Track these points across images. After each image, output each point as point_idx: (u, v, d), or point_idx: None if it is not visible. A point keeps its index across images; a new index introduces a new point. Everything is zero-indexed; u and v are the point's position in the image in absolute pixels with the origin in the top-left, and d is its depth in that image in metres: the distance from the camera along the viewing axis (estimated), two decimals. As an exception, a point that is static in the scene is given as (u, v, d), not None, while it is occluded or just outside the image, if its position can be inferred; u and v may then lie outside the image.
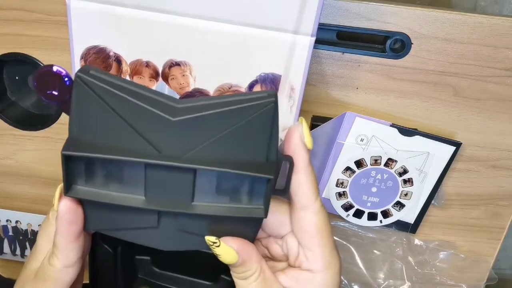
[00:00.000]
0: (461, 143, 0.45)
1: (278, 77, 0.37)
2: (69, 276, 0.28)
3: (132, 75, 0.38)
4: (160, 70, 0.38)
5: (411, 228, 0.51)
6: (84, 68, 0.24)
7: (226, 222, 0.28)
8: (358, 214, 0.50)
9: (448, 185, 0.49)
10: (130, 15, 0.36)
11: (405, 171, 0.47)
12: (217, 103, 0.25)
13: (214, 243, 0.28)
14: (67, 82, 0.31)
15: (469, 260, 0.53)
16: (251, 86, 0.38)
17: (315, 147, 0.40)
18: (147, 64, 0.38)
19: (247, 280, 0.29)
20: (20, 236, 0.56)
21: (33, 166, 0.52)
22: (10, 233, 0.56)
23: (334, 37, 0.43)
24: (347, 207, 0.49)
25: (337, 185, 0.48)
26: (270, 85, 0.38)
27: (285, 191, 0.28)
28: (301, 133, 0.28)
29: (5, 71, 0.48)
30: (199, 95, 0.39)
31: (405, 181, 0.47)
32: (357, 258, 0.52)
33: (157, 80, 0.38)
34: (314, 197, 0.29)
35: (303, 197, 0.29)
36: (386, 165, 0.46)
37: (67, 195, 0.26)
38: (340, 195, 0.49)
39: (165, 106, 0.25)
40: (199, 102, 0.25)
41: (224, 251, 0.28)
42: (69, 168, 0.25)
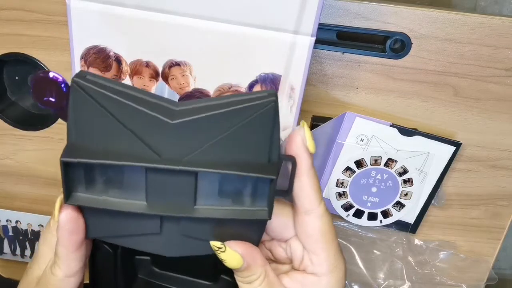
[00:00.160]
0: (461, 143, 0.45)
1: (278, 77, 0.37)
2: (71, 285, 0.28)
3: (132, 75, 0.38)
4: (160, 70, 0.38)
5: (411, 228, 0.51)
6: (81, 73, 0.24)
7: (230, 225, 0.27)
8: (358, 214, 0.50)
9: (448, 185, 0.49)
10: (130, 15, 0.36)
11: (405, 171, 0.47)
12: (216, 105, 0.25)
13: (219, 248, 0.27)
14: (63, 88, 0.31)
15: (469, 260, 0.53)
16: (251, 86, 0.38)
17: (315, 147, 0.40)
18: (147, 64, 0.38)
19: (251, 284, 0.29)
20: (20, 236, 0.56)
21: (33, 166, 0.52)
22: (10, 233, 0.56)
23: (334, 37, 0.43)
24: (347, 207, 0.49)
25: (337, 185, 0.48)
26: (270, 85, 0.38)
27: (288, 191, 0.28)
28: (303, 136, 0.27)
29: (5, 71, 0.48)
30: (199, 95, 0.38)
31: (405, 181, 0.47)
32: (357, 258, 0.52)
33: (157, 80, 0.38)
34: (317, 201, 0.28)
35: (307, 201, 0.28)
36: (386, 165, 0.46)
37: (67, 202, 0.25)
38: (340, 195, 0.49)
39: (163, 109, 0.24)
40: (198, 104, 0.25)
41: (229, 256, 0.27)
42: (68, 175, 0.25)
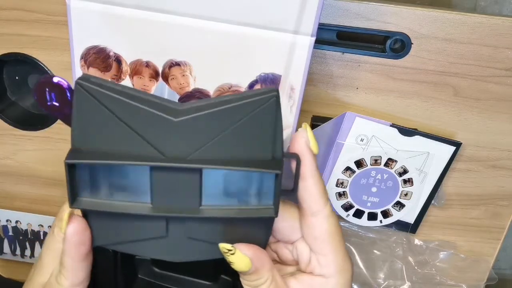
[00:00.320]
0: (461, 143, 0.45)
1: (278, 77, 0.37)
2: None
3: (132, 75, 0.38)
4: (160, 70, 0.38)
5: (411, 228, 0.51)
6: (84, 76, 0.24)
7: (237, 226, 0.27)
8: (358, 214, 0.50)
9: (448, 185, 0.49)
10: (130, 15, 0.36)
11: (405, 171, 0.47)
12: (218, 102, 0.25)
13: (229, 250, 0.27)
14: (68, 93, 0.31)
15: (469, 260, 0.53)
16: (251, 86, 0.38)
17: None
18: (147, 64, 0.38)
19: None
20: (20, 236, 0.56)
21: (33, 166, 0.52)
22: (10, 233, 0.56)
23: (334, 37, 0.43)
24: (347, 207, 0.49)
25: (337, 185, 0.48)
26: (270, 85, 0.38)
27: (293, 191, 0.28)
28: (306, 138, 0.27)
29: (5, 71, 0.48)
30: (199, 95, 0.38)
31: (405, 181, 0.47)
32: (357, 258, 0.52)
33: (157, 80, 0.38)
34: (323, 202, 0.28)
35: (313, 203, 0.28)
36: (386, 165, 0.46)
37: (72, 206, 0.25)
38: (340, 195, 0.49)
39: (166, 108, 0.25)
40: (201, 102, 0.25)
41: (238, 259, 0.27)
42: (73, 178, 0.25)
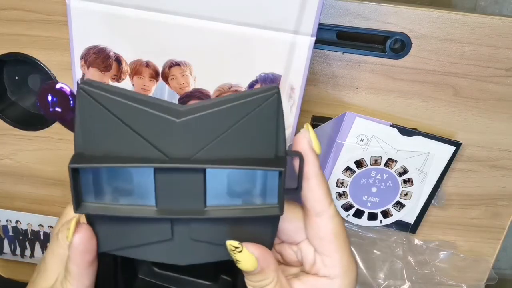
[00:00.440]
0: (461, 143, 0.45)
1: (278, 77, 0.37)
2: None
3: (132, 75, 0.38)
4: (160, 70, 0.38)
5: (411, 228, 0.51)
6: (86, 80, 0.25)
7: (242, 226, 0.27)
8: (358, 214, 0.50)
9: (448, 185, 0.49)
10: (130, 15, 0.36)
11: (405, 171, 0.47)
12: (220, 101, 0.25)
13: (236, 248, 0.27)
14: (70, 99, 0.31)
15: (469, 260, 0.53)
16: (251, 86, 0.38)
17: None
18: (147, 64, 0.38)
19: None
20: (20, 236, 0.56)
21: (33, 166, 0.52)
22: (10, 233, 0.56)
23: (334, 37, 0.43)
24: (347, 207, 0.49)
25: (337, 185, 0.48)
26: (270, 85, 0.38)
27: (297, 189, 0.28)
28: (309, 138, 0.27)
29: (5, 71, 0.48)
30: (199, 95, 0.38)
31: (405, 181, 0.47)
32: (357, 258, 0.52)
33: (157, 80, 0.38)
34: (328, 202, 0.28)
35: (317, 203, 0.28)
36: (386, 165, 0.46)
37: (77, 212, 0.25)
38: (340, 195, 0.49)
39: (168, 109, 0.25)
40: (202, 103, 0.25)
41: (245, 257, 0.27)
42: (77, 183, 0.25)
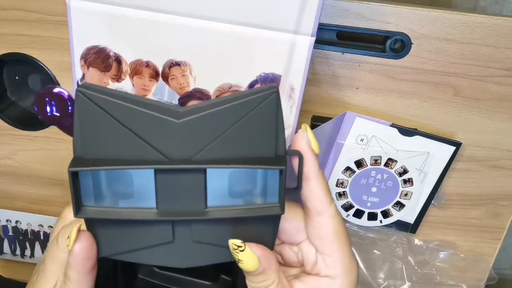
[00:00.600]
0: (461, 143, 0.45)
1: (278, 77, 0.37)
2: None
3: (132, 75, 0.38)
4: (160, 70, 0.38)
5: (411, 228, 0.51)
6: (84, 83, 0.25)
7: (243, 227, 0.27)
8: (358, 214, 0.50)
9: (448, 185, 0.49)
10: (130, 15, 0.36)
11: (405, 171, 0.47)
12: (219, 101, 0.25)
13: (239, 247, 0.26)
14: (68, 103, 0.31)
15: (469, 260, 0.53)
16: (251, 86, 0.38)
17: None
18: (147, 64, 0.38)
19: None
20: (20, 236, 0.56)
21: (33, 166, 0.52)
22: (10, 233, 0.56)
23: (334, 37, 0.43)
24: (347, 207, 0.49)
25: (337, 185, 0.48)
26: (270, 85, 0.38)
27: (297, 189, 0.28)
28: (307, 139, 0.28)
29: (5, 71, 0.48)
30: (199, 95, 0.38)
31: (405, 181, 0.47)
32: (357, 258, 0.52)
33: (157, 80, 0.38)
34: (328, 201, 0.28)
35: (318, 202, 0.28)
36: (386, 165, 0.46)
37: (77, 216, 0.25)
38: (340, 195, 0.49)
39: (168, 111, 0.25)
40: (201, 104, 0.25)
41: (247, 256, 0.27)
42: (77, 187, 0.25)
